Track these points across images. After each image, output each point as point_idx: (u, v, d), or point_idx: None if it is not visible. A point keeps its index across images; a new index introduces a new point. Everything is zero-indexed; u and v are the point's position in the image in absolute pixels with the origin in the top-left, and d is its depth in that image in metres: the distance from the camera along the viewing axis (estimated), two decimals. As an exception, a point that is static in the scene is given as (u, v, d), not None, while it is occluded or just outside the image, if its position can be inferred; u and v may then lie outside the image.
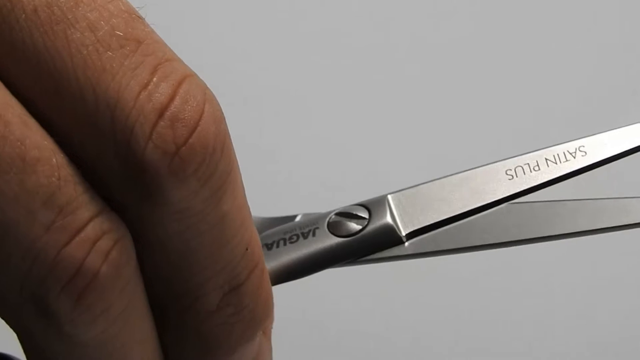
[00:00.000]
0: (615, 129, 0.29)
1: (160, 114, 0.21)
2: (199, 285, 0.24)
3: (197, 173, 0.22)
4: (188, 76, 0.22)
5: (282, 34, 0.63)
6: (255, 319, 0.25)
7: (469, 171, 0.29)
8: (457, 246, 0.28)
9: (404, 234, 0.28)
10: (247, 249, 0.24)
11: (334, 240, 0.28)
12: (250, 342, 0.25)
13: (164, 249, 0.23)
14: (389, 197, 0.29)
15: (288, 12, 0.63)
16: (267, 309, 0.25)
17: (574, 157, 0.29)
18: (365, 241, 0.28)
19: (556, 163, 0.29)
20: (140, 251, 0.23)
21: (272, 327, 0.26)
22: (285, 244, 0.28)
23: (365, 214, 0.28)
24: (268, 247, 0.28)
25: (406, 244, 0.28)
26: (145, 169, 0.21)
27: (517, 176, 0.28)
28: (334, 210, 0.28)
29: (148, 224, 0.22)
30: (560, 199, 0.29)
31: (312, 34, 0.63)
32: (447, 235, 0.28)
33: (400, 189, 0.29)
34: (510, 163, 0.29)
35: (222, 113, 0.23)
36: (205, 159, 0.22)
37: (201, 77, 0.23)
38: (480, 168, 0.29)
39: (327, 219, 0.28)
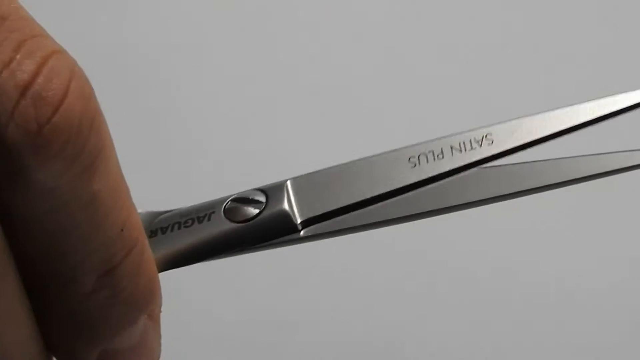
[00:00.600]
0: (524, 117, 0.29)
1: (23, 92, 0.21)
2: (72, 266, 0.23)
3: (63, 152, 0.21)
4: (55, 52, 0.22)
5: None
6: (135, 302, 0.24)
7: (371, 158, 0.28)
8: (353, 225, 0.28)
9: (299, 221, 0.27)
10: (122, 230, 0.23)
11: (229, 225, 0.27)
12: (133, 326, 0.25)
13: (34, 229, 0.22)
14: (288, 182, 0.28)
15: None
16: (150, 292, 0.25)
17: (480, 146, 0.28)
18: (259, 227, 0.27)
19: (461, 151, 0.28)
20: (11, 231, 0.22)
21: (159, 311, 0.26)
22: (179, 228, 0.27)
23: (262, 199, 0.28)
24: (162, 230, 0.27)
25: (302, 232, 0.28)
26: (8, 148, 0.21)
27: (419, 164, 0.28)
28: (233, 195, 0.28)
29: (15, 204, 0.22)
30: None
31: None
32: (345, 221, 0.28)
33: (301, 174, 0.28)
34: (414, 150, 0.28)
35: (92, 90, 0.22)
36: (71, 137, 0.21)
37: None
38: (383, 155, 0.28)
39: (224, 204, 0.28)
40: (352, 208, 0.28)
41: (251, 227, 0.27)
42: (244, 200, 0.28)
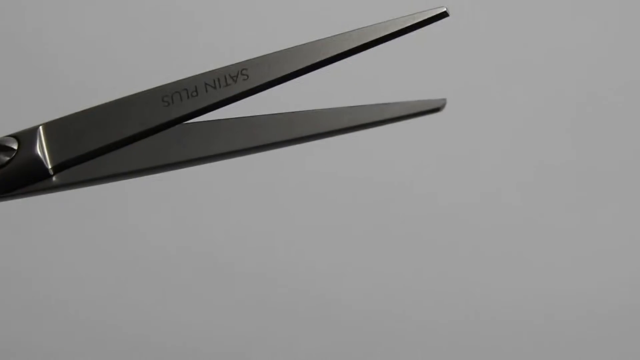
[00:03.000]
0: (283, 49, 0.28)
1: None
2: None
3: None
4: None
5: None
6: None
7: (124, 99, 0.28)
8: (109, 173, 0.28)
9: (50, 166, 0.27)
10: None
11: None
12: None
13: None
14: (41, 127, 0.28)
15: None
16: None
17: (235, 82, 0.28)
18: (10, 174, 0.27)
19: (216, 88, 0.27)
20: None
21: None
22: None
23: (14, 145, 0.27)
24: None
25: (54, 177, 0.27)
26: None
27: (173, 102, 0.27)
28: None
29: None
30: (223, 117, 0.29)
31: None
32: (101, 164, 0.28)
33: (53, 119, 0.28)
34: (167, 89, 0.28)
35: None
36: None
37: None
38: (136, 95, 0.28)
39: None
40: (105, 150, 0.27)
41: (2, 174, 0.27)
42: None
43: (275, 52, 0.28)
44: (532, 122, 0.60)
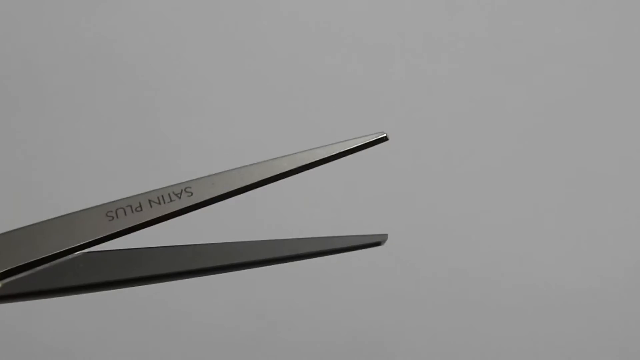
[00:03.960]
0: (225, 171, 0.30)
1: None
2: None
3: None
4: None
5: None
6: None
7: (70, 214, 0.29)
8: (47, 288, 0.29)
9: None
10: None
11: None
12: None
13: None
14: None
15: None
16: None
17: (180, 198, 0.29)
18: None
19: (160, 204, 0.29)
20: None
21: None
22: None
23: None
24: None
25: None
26: None
27: (117, 217, 0.29)
28: None
29: None
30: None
31: None
32: (37, 279, 0.29)
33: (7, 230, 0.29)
34: (112, 205, 0.29)
35: None
36: None
37: None
38: (82, 211, 0.29)
39: None
40: (45, 261, 0.29)
41: None
42: None
43: (220, 172, 0.30)
44: (533, 122, 0.60)
